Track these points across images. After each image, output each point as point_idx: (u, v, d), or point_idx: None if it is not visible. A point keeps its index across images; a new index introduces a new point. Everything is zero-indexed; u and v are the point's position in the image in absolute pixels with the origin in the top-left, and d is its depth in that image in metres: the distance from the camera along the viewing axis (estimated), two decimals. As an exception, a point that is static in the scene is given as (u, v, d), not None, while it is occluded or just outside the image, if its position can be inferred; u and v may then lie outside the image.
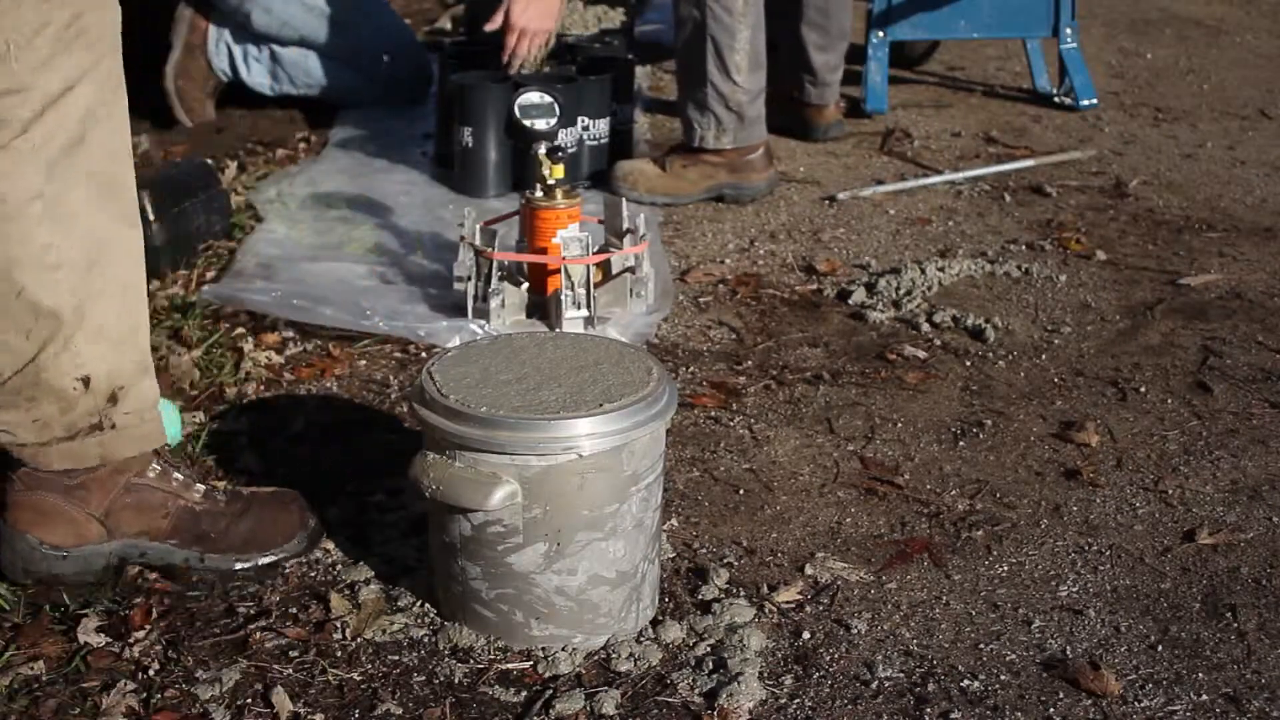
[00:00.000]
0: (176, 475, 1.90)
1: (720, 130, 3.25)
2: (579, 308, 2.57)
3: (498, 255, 2.58)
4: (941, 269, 2.91)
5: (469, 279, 2.60)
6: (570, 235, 2.57)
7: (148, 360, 1.87)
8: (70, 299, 1.75)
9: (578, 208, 2.66)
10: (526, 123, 3.18)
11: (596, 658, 1.73)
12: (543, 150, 2.65)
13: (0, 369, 1.76)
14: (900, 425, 2.32)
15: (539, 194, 2.63)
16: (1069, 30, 4.07)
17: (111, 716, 1.62)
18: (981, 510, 2.07)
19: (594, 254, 2.59)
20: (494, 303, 2.57)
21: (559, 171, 2.63)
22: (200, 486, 1.91)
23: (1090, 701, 1.66)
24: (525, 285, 2.64)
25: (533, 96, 3.20)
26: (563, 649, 1.72)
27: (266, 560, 1.90)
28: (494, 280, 2.58)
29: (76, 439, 1.81)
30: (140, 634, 1.76)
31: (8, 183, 1.69)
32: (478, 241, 2.62)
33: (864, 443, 2.26)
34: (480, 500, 1.65)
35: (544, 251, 2.63)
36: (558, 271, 2.58)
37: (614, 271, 2.67)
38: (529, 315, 2.63)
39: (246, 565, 1.89)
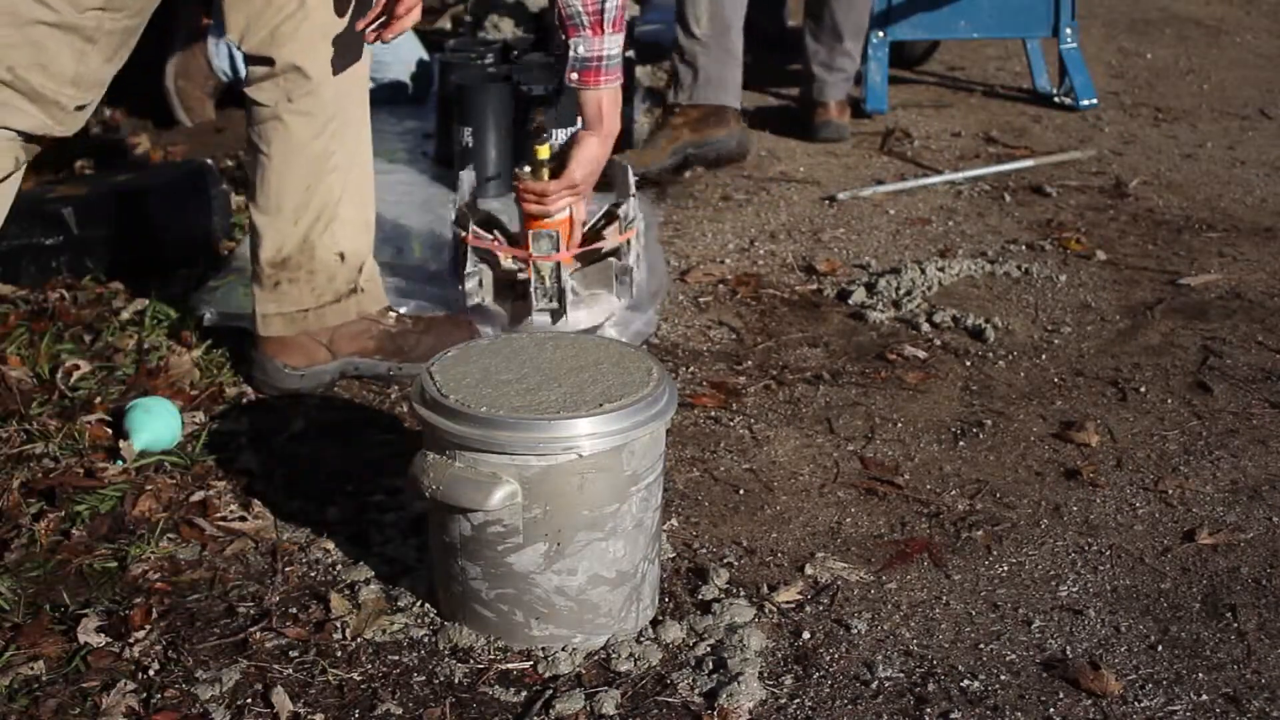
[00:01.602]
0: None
1: (679, 87, 3.35)
2: (550, 300, 2.51)
3: (473, 241, 2.52)
4: (941, 269, 2.91)
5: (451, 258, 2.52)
6: (541, 234, 2.48)
7: (373, 238, 2.40)
8: (338, 193, 2.29)
9: None
10: (525, 88, 3.15)
11: (596, 658, 1.73)
12: (536, 122, 2.58)
13: (284, 249, 2.29)
14: (900, 425, 2.32)
15: (527, 170, 2.53)
16: (1069, 30, 4.07)
17: (111, 716, 1.62)
18: (981, 510, 2.07)
19: (568, 249, 2.49)
20: (470, 284, 2.52)
21: (544, 152, 2.52)
22: (393, 314, 2.43)
23: (1090, 701, 1.66)
24: (504, 262, 2.55)
25: (535, 56, 3.16)
26: (563, 649, 1.72)
27: None
28: (469, 262, 2.52)
29: (341, 301, 2.36)
30: (140, 634, 1.76)
31: (317, 105, 2.22)
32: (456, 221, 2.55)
33: (864, 443, 2.26)
34: (480, 500, 1.65)
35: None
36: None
37: (604, 252, 2.57)
38: (499, 296, 2.56)
39: None
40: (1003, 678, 1.70)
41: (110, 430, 2.23)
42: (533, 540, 1.68)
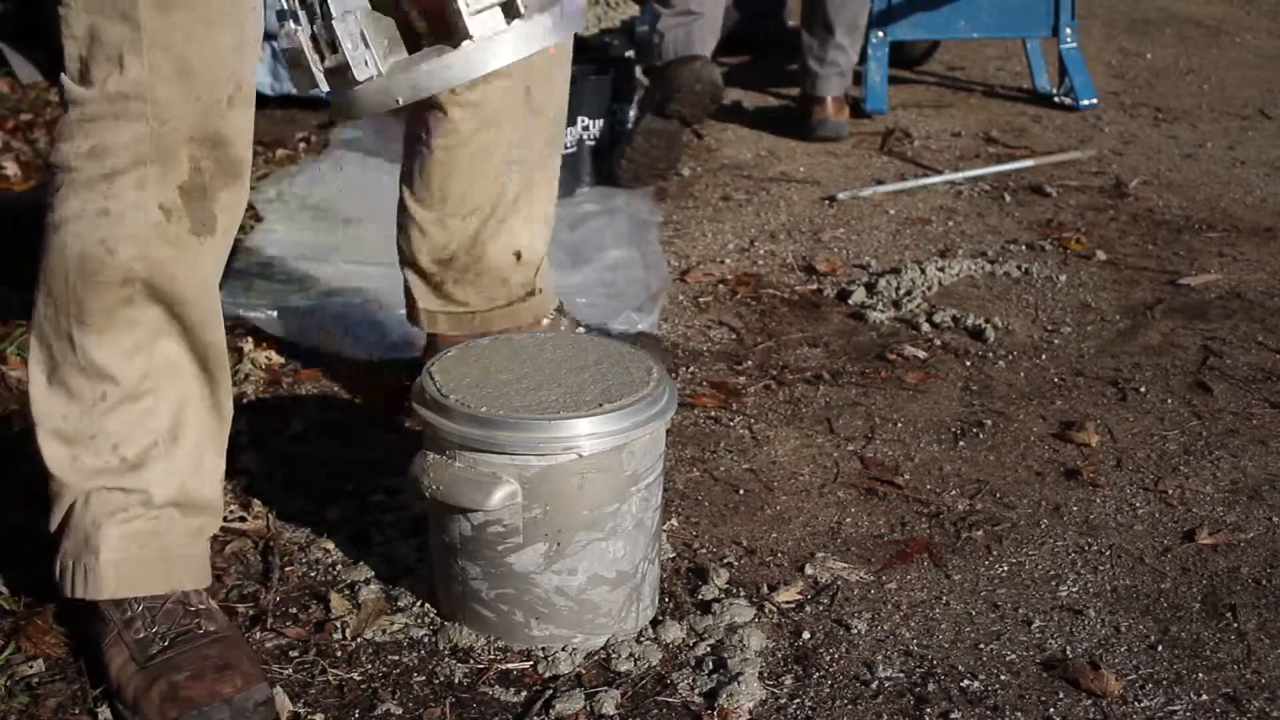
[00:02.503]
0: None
1: (651, 54, 3.51)
2: None
3: None
4: (941, 269, 2.91)
5: (297, 24, 1.55)
6: None
7: (550, 237, 2.25)
8: (517, 189, 2.14)
9: None
10: None
11: (596, 658, 1.73)
12: None
13: (451, 248, 2.16)
14: (900, 425, 2.32)
15: None
16: (1069, 30, 4.07)
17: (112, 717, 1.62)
18: (981, 510, 2.07)
19: None
20: (350, 48, 1.53)
21: None
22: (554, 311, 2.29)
23: (1090, 701, 1.66)
24: None
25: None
26: (563, 649, 1.72)
27: None
28: (335, 11, 1.52)
29: (514, 304, 2.22)
30: (140, 634, 1.76)
31: (482, 97, 2.05)
32: None
33: (864, 443, 2.26)
34: (480, 500, 1.65)
35: None
36: None
37: None
38: (411, 47, 1.59)
39: None
40: (1003, 678, 1.70)
41: (110, 430, 2.22)
42: (533, 540, 1.68)
